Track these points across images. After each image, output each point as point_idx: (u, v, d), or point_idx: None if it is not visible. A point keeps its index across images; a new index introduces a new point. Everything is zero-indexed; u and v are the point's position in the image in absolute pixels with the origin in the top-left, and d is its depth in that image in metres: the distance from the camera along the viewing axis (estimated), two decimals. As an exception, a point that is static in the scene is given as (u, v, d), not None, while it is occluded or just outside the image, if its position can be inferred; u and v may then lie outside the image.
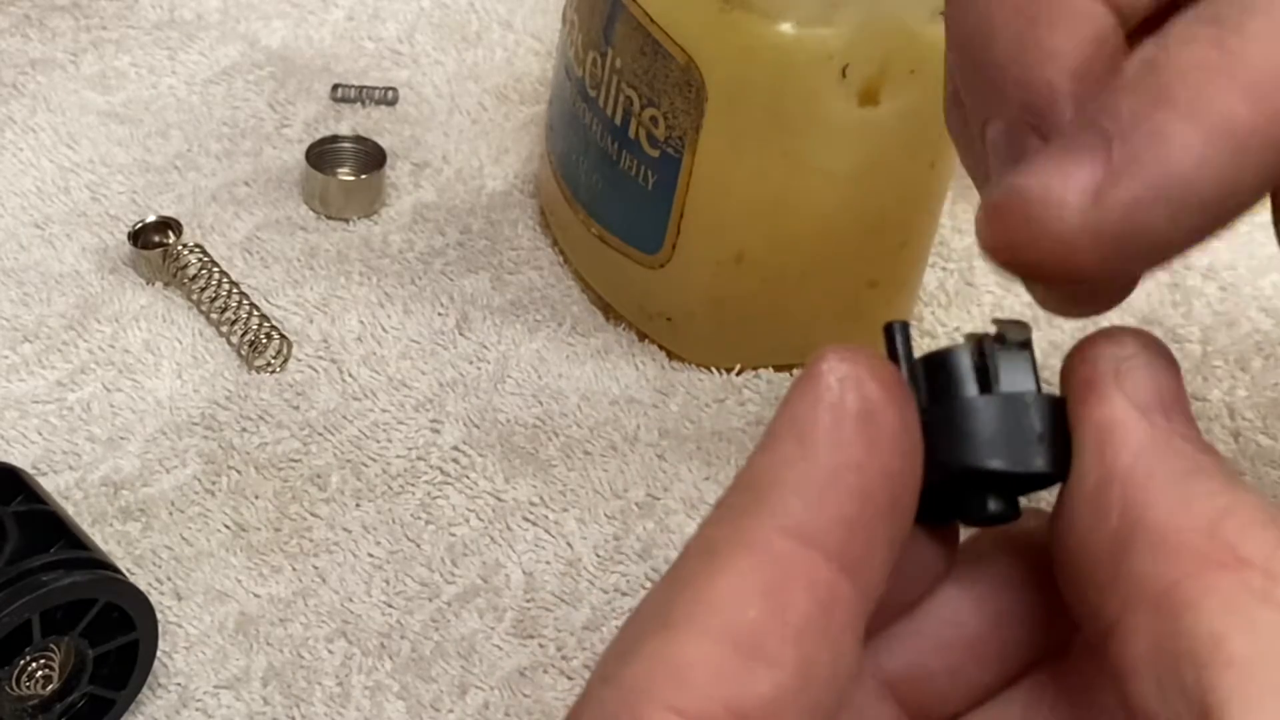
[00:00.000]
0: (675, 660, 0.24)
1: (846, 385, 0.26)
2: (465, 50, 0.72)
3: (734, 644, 0.24)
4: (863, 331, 0.60)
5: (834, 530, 0.25)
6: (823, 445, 0.26)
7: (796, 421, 0.26)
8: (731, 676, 0.24)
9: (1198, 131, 0.27)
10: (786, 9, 0.52)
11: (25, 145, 0.65)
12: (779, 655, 0.24)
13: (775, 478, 0.26)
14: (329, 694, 0.48)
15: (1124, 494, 0.26)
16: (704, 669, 0.24)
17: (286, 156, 0.65)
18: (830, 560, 0.25)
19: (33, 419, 0.55)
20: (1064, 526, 0.27)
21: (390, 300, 0.60)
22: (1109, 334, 0.28)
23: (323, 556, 0.52)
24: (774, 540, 0.25)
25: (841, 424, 0.26)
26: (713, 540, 0.26)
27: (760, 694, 0.24)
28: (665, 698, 0.24)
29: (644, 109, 0.56)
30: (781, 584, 0.25)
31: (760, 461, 0.26)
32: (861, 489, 0.26)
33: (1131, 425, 0.27)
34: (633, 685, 0.25)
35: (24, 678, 0.44)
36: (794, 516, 0.25)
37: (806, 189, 0.55)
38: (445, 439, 0.56)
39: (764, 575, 0.25)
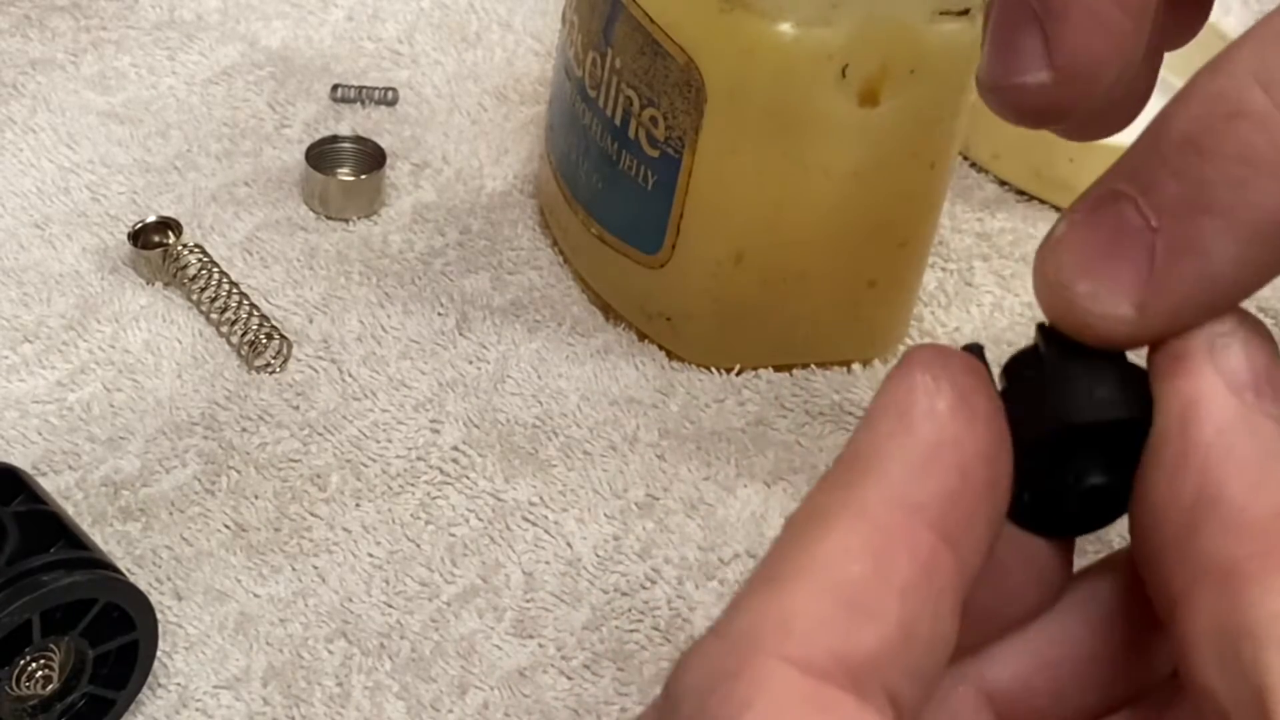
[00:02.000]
0: (782, 611, 0.25)
1: (940, 371, 0.28)
2: (465, 51, 0.72)
3: (840, 598, 0.25)
4: (863, 331, 0.60)
5: (935, 502, 0.27)
6: (922, 423, 0.27)
7: (896, 403, 0.27)
8: (837, 628, 0.25)
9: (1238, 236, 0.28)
10: (786, 9, 0.52)
11: (25, 145, 0.65)
12: (883, 611, 0.25)
13: (879, 451, 0.27)
14: (329, 694, 0.48)
15: (1201, 469, 0.27)
16: (811, 620, 0.25)
17: (286, 157, 0.65)
18: (931, 529, 0.26)
19: (33, 419, 0.55)
20: (1141, 497, 0.27)
21: (390, 300, 0.60)
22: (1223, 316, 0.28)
23: (322, 556, 0.52)
24: (879, 506, 0.26)
25: (939, 404, 0.27)
26: (820, 507, 0.27)
27: (865, 646, 0.25)
28: (773, 646, 0.25)
29: (644, 109, 0.56)
30: (886, 546, 0.26)
31: (862, 439, 0.28)
32: (960, 465, 0.27)
33: (1218, 400, 0.27)
34: (741, 635, 0.25)
35: (24, 678, 0.44)
36: (898, 486, 0.27)
37: (806, 189, 0.55)
38: (445, 439, 0.56)
39: (869, 538, 0.26)
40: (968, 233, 0.67)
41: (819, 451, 0.57)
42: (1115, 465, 0.28)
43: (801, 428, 0.58)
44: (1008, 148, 0.69)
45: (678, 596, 0.52)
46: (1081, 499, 0.29)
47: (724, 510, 0.55)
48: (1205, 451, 0.26)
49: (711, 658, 0.25)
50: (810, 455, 0.57)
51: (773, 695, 0.24)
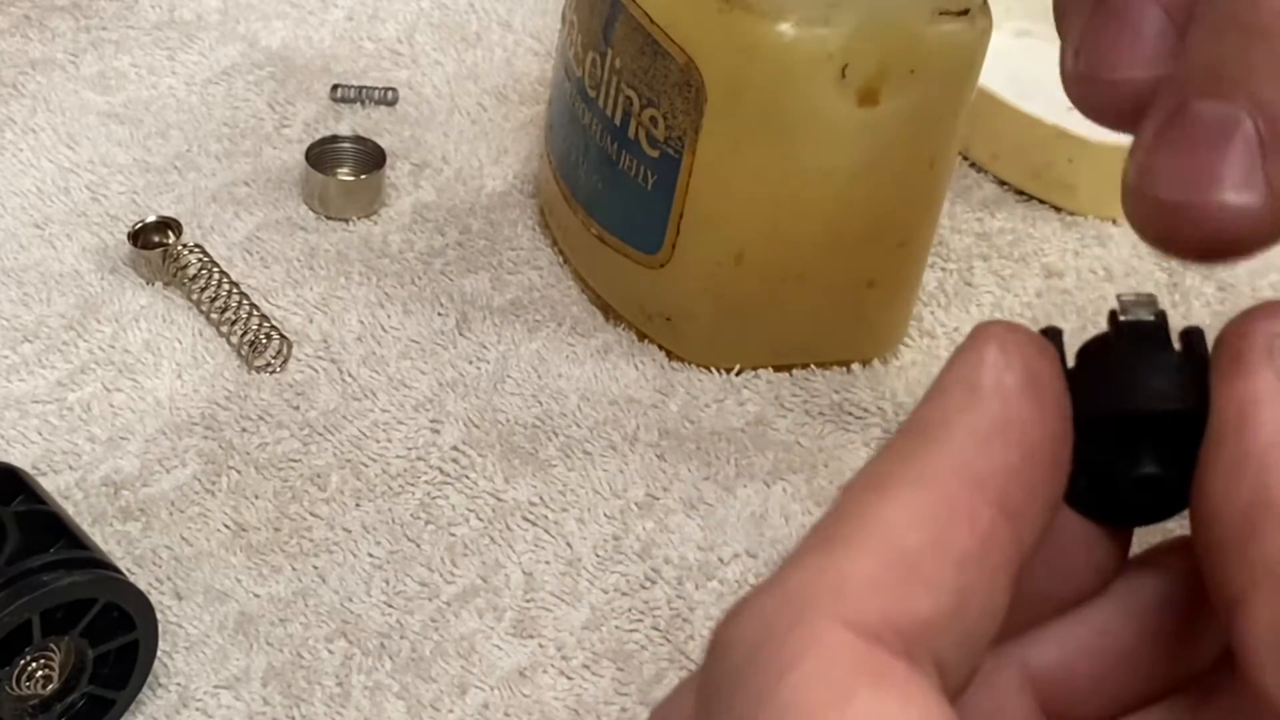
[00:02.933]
0: (839, 572, 0.25)
1: (1011, 348, 0.28)
2: (465, 50, 0.72)
3: (898, 564, 0.25)
4: (862, 332, 0.60)
5: (998, 477, 0.26)
6: (991, 398, 0.27)
7: (966, 376, 0.28)
8: (893, 593, 0.25)
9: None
10: (786, 9, 0.52)
11: (25, 145, 0.65)
12: (939, 580, 0.25)
13: (946, 422, 0.27)
14: (329, 694, 0.48)
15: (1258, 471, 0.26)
16: (867, 583, 0.25)
17: (286, 157, 0.66)
18: (992, 504, 0.26)
19: (33, 419, 0.55)
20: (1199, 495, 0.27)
21: (390, 300, 0.60)
22: (1269, 308, 0.28)
23: (322, 556, 0.52)
24: (942, 477, 0.26)
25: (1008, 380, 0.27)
26: (883, 473, 0.27)
27: (919, 613, 0.25)
28: (827, 606, 0.25)
29: (643, 109, 0.56)
30: (947, 517, 0.26)
31: (929, 409, 0.28)
32: (1025, 443, 0.27)
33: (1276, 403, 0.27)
34: (795, 592, 0.25)
35: (24, 678, 0.44)
36: (962, 458, 0.27)
37: (806, 189, 0.55)
38: (445, 439, 0.56)
39: (931, 507, 0.26)
40: (967, 233, 0.67)
41: (819, 451, 0.57)
42: (1171, 458, 0.28)
43: (801, 428, 0.58)
44: (1007, 148, 0.69)
45: (677, 596, 0.52)
46: (1134, 487, 0.29)
47: (723, 510, 0.55)
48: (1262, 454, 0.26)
49: (764, 612, 0.25)
50: (810, 455, 0.57)
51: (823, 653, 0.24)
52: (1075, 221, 0.68)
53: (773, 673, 0.24)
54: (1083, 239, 0.67)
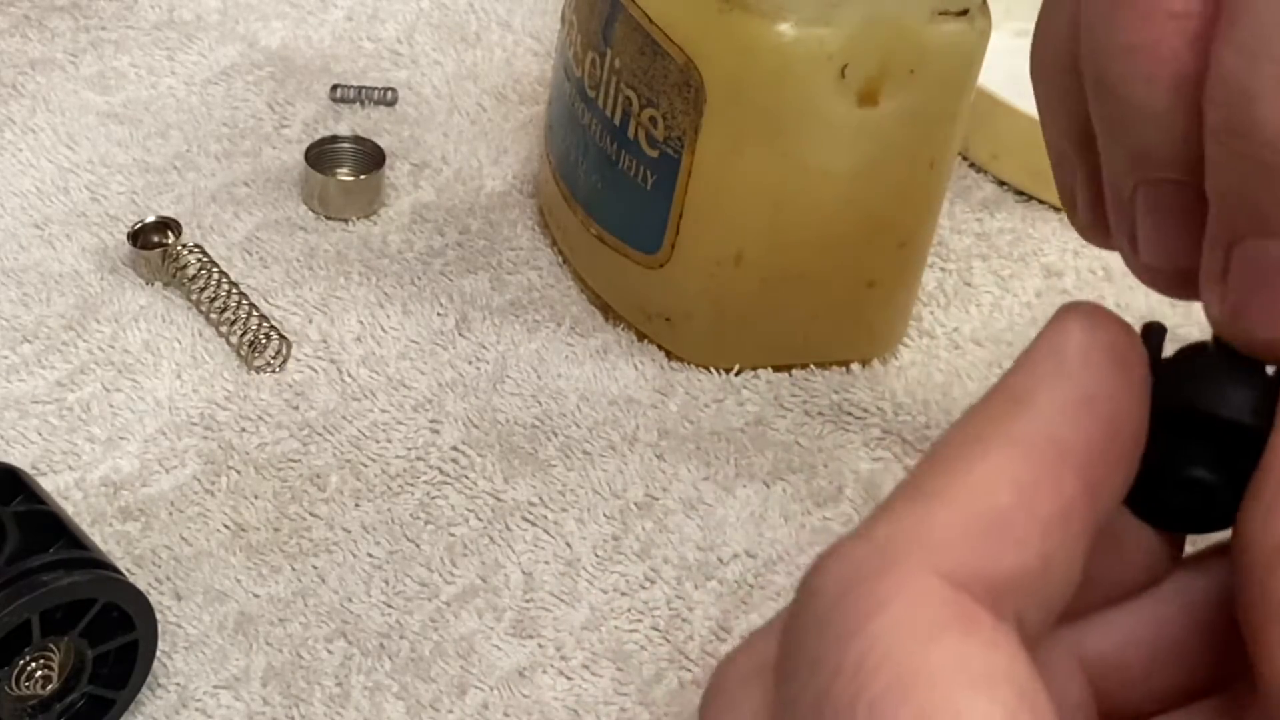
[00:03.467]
0: (931, 524, 0.26)
1: (1099, 327, 0.28)
2: (464, 51, 0.72)
3: (988, 520, 0.26)
4: (862, 332, 0.60)
5: (1083, 448, 0.27)
6: (1079, 369, 0.28)
7: (1056, 349, 0.28)
8: (983, 547, 0.26)
9: None
10: (785, 9, 0.52)
11: (25, 146, 0.65)
12: (1026, 540, 0.26)
13: (1036, 389, 0.28)
14: (328, 694, 0.48)
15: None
16: (958, 535, 0.26)
17: (286, 157, 0.66)
18: (1077, 474, 0.27)
19: (32, 419, 0.55)
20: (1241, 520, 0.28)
21: (389, 300, 0.60)
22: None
23: (322, 556, 0.52)
24: (1032, 442, 0.27)
25: (1096, 356, 0.28)
26: (974, 433, 0.27)
27: (1006, 568, 0.26)
28: (918, 555, 0.25)
29: (643, 109, 0.56)
30: (1035, 481, 0.27)
31: (1019, 378, 0.28)
32: (1111, 418, 0.28)
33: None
34: (887, 540, 0.26)
35: (23, 678, 0.44)
36: (1051, 425, 0.27)
37: (806, 189, 0.55)
38: (444, 439, 0.56)
39: (1020, 470, 0.27)
40: (967, 233, 0.67)
41: (818, 452, 0.57)
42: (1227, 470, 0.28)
43: (801, 428, 0.58)
44: (1007, 148, 0.69)
45: (677, 596, 0.52)
46: (1181, 487, 0.29)
47: (723, 510, 0.55)
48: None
49: (854, 559, 0.26)
50: (809, 455, 0.57)
51: (912, 598, 0.25)
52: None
53: (859, 615, 0.25)
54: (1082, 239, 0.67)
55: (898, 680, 0.24)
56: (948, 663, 0.24)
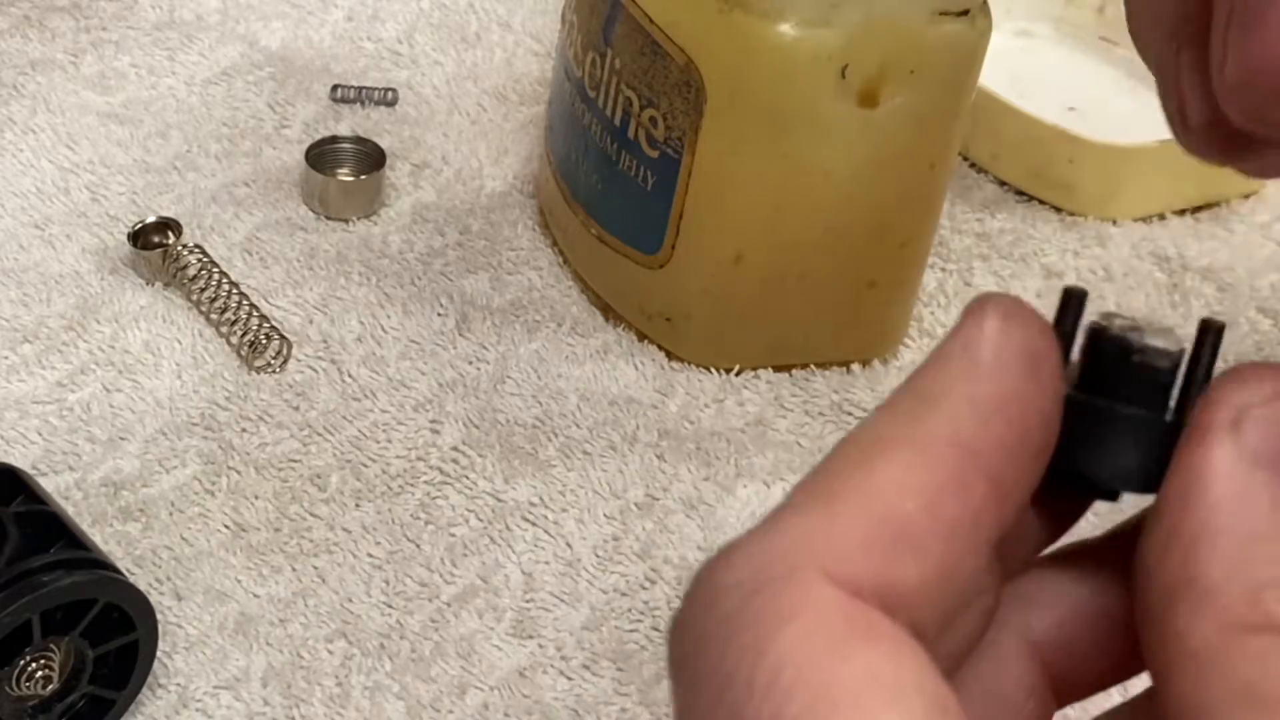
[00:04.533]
0: (833, 529, 0.26)
1: (1014, 323, 0.27)
2: (464, 51, 0.72)
3: (891, 528, 0.26)
4: (862, 332, 0.60)
5: (994, 451, 0.27)
6: (992, 370, 0.27)
7: (969, 345, 0.27)
8: (882, 557, 0.25)
9: None
10: (786, 10, 0.52)
11: (25, 146, 0.65)
12: (928, 549, 0.26)
13: (946, 390, 0.27)
14: (329, 694, 0.48)
15: (1188, 547, 0.26)
16: (860, 543, 0.25)
17: (286, 157, 0.66)
18: (986, 478, 0.27)
19: (33, 419, 0.55)
20: (1137, 558, 0.27)
21: (390, 301, 0.60)
22: (1240, 375, 0.28)
23: (322, 557, 0.52)
24: (939, 444, 0.26)
25: (1009, 355, 0.27)
26: (881, 434, 0.27)
27: (905, 579, 0.25)
28: (820, 562, 0.25)
29: (643, 109, 0.56)
30: (940, 484, 0.26)
31: (928, 376, 0.27)
32: (1022, 420, 0.27)
33: (1223, 476, 0.26)
34: (790, 544, 0.25)
35: (24, 678, 0.44)
36: (960, 427, 0.27)
37: (806, 189, 0.55)
38: (445, 439, 0.56)
39: (925, 473, 0.26)
40: (967, 233, 0.67)
41: (818, 451, 0.57)
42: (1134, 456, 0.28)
43: (801, 428, 0.58)
44: (1007, 148, 0.69)
45: (677, 597, 0.52)
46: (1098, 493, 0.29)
47: (723, 510, 0.55)
48: (1196, 530, 0.26)
49: (756, 560, 0.25)
50: (810, 455, 0.57)
51: (817, 609, 0.25)
52: (1075, 222, 0.68)
53: (766, 627, 0.25)
54: (1082, 239, 0.67)
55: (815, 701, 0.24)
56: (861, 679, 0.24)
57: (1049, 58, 0.76)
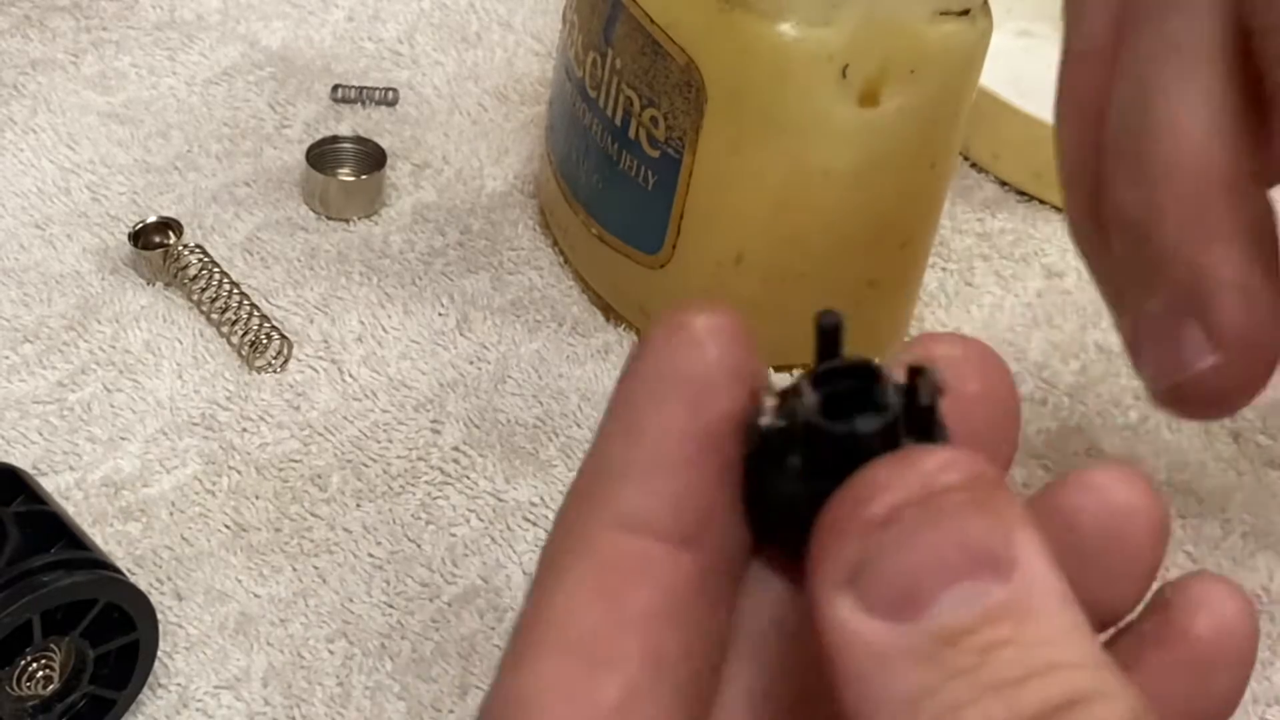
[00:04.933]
0: (525, 693, 0.25)
1: (669, 352, 0.26)
2: (465, 51, 0.72)
3: (578, 656, 0.25)
4: (864, 332, 0.60)
5: (664, 510, 0.26)
6: (645, 423, 0.26)
7: (623, 399, 0.26)
8: (581, 693, 0.24)
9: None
10: (786, 9, 0.52)
11: (26, 146, 0.65)
12: (624, 654, 0.25)
13: (604, 466, 0.26)
14: (329, 694, 0.48)
15: (830, 680, 0.25)
16: (553, 694, 0.24)
17: (287, 157, 0.65)
18: (665, 540, 0.25)
19: (33, 419, 0.55)
20: (809, 595, 0.26)
21: (391, 301, 0.60)
22: (846, 527, 0.25)
23: (323, 557, 0.52)
24: (604, 537, 0.25)
25: (663, 395, 0.26)
26: (553, 551, 0.26)
27: (610, 699, 0.24)
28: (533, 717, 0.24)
29: (644, 109, 0.56)
30: (618, 580, 0.25)
31: (594, 449, 0.26)
32: (687, 461, 0.26)
33: (859, 647, 0.24)
34: (508, 707, 0.25)
35: (24, 678, 0.44)
36: (622, 507, 0.26)
37: (807, 189, 0.55)
38: (445, 439, 0.56)
39: (600, 577, 0.25)
40: (968, 233, 0.67)
41: (819, 452, 0.57)
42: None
43: (802, 428, 0.58)
44: (1008, 148, 0.69)
45: (678, 597, 0.52)
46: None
47: (724, 510, 0.54)
48: (854, 707, 0.24)
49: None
50: (811, 455, 0.57)
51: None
52: (1076, 222, 0.68)
53: None
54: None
55: None
56: None
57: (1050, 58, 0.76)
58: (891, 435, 0.25)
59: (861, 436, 0.25)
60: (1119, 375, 0.61)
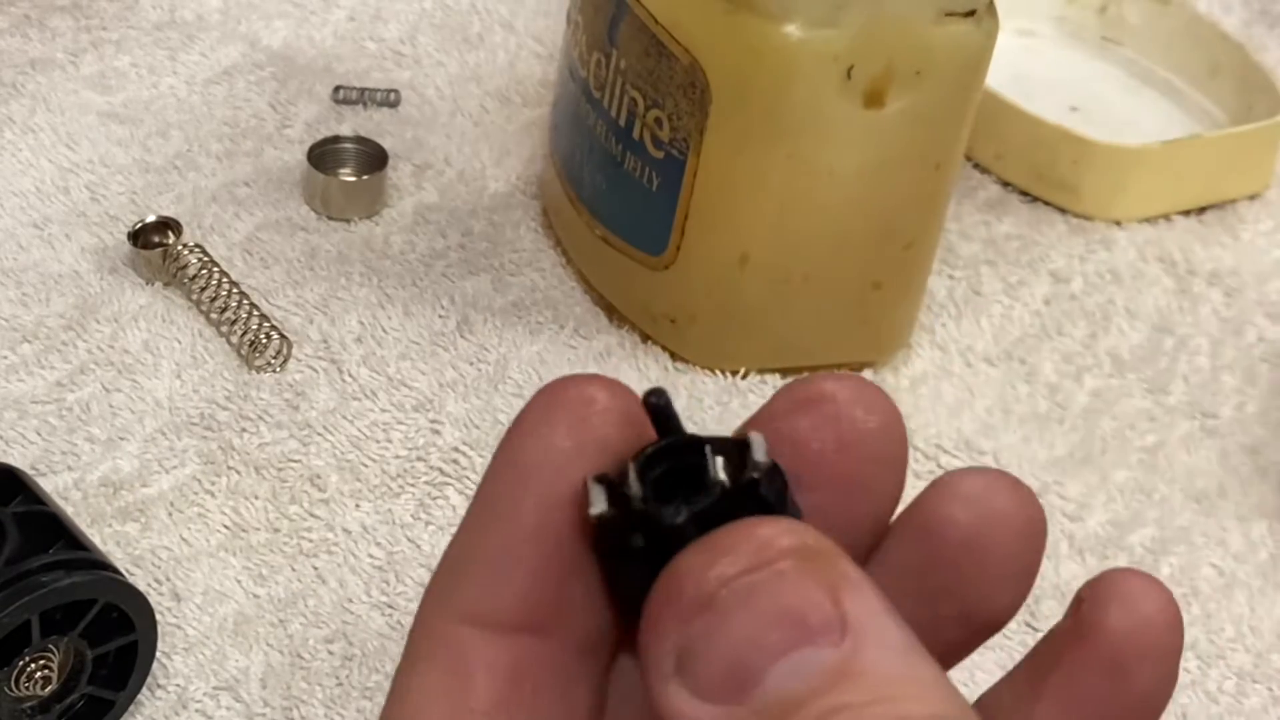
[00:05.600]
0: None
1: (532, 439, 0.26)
2: (467, 52, 0.72)
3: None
4: (868, 334, 0.60)
5: (513, 604, 0.26)
6: (499, 518, 0.26)
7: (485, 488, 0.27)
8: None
9: None
10: (791, 11, 0.52)
11: (25, 145, 0.64)
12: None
13: (458, 559, 0.26)
14: (328, 695, 0.48)
15: None
16: None
17: (287, 157, 0.65)
18: (513, 632, 0.25)
19: (32, 419, 0.54)
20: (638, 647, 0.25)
21: (391, 301, 0.60)
22: (665, 616, 0.24)
23: (322, 557, 0.51)
24: (453, 631, 0.26)
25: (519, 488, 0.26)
26: (410, 644, 0.26)
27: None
28: None
29: (648, 110, 0.56)
30: (461, 673, 0.25)
31: (454, 540, 0.27)
32: (537, 558, 0.26)
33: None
34: None
35: (23, 679, 0.44)
36: (470, 603, 0.26)
37: (811, 190, 0.55)
38: (445, 439, 0.55)
39: (444, 670, 0.25)
40: (974, 239, 0.67)
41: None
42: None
43: (805, 431, 0.57)
44: (1010, 148, 0.69)
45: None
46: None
47: (727, 513, 0.54)
48: None
49: None
50: (814, 458, 0.56)
51: None
52: (1081, 225, 0.68)
53: None
54: (1088, 243, 0.67)
55: None
56: None
57: (1051, 57, 0.76)
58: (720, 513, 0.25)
59: (679, 526, 0.24)
60: (1131, 395, 0.61)
